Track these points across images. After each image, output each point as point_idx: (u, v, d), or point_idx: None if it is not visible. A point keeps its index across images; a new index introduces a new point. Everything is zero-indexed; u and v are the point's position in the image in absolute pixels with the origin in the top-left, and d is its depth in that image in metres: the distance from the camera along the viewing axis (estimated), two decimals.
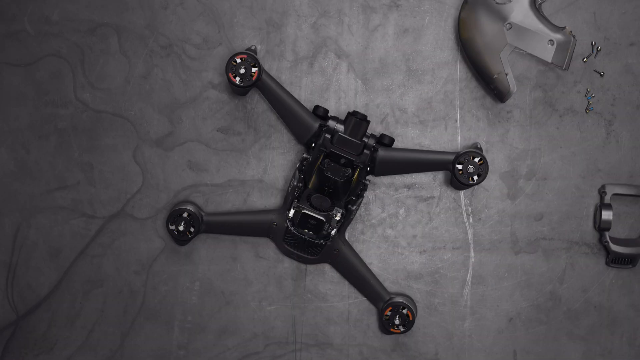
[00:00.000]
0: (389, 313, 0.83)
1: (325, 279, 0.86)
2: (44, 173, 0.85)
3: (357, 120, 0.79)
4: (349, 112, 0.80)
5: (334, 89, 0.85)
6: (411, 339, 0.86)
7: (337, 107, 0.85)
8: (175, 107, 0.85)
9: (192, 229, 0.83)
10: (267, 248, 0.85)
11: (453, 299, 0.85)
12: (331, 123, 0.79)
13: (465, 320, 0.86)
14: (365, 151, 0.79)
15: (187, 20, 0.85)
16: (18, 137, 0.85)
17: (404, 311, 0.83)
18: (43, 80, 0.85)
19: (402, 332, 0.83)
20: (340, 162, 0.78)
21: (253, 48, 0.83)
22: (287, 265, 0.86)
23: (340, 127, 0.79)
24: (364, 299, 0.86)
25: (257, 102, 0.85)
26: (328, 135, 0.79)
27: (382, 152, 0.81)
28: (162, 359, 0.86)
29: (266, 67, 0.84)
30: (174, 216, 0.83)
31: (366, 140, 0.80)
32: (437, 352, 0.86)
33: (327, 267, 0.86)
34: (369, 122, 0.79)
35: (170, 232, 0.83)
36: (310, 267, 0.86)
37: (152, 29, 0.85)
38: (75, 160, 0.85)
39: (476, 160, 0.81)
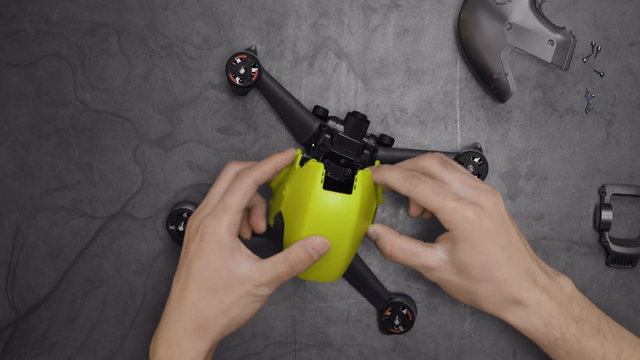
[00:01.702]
0: (388, 313, 0.83)
1: None
2: (44, 173, 0.86)
3: (357, 121, 0.79)
4: (348, 112, 0.80)
5: (334, 89, 0.85)
6: (411, 339, 0.86)
7: (337, 107, 0.85)
8: (175, 107, 0.85)
9: None
10: (267, 248, 0.85)
11: (453, 299, 0.85)
12: (331, 123, 0.79)
13: (465, 320, 0.86)
14: (365, 151, 0.79)
15: (187, 20, 0.85)
16: (18, 137, 0.85)
17: (404, 311, 0.83)
18: (43, 81, 0.85)
19: (402, 332, 0.83)
20: (340, 162, 0.79)
21: (253, 48, 0.83)
22: None
23: (340, 127, 0.79)
24: (364, 299, 0.86)
25: (257, 102, 0.85)
26: (328, 136, 0.79)
27: (382, 152, 0.81)
28: None
29: (266, 67, 0.84)
30: (174, 216, 0.83)
31: (366, 141, 0.80)
32: (437, 352, 0.86)
33: None
34: (369, 122, 0.79)
35: (170, 232, 0.83)
36: None
37: (152, 29, 0.85)
38: (75, 160, 0.85)
39: (476, 160, 0.81)
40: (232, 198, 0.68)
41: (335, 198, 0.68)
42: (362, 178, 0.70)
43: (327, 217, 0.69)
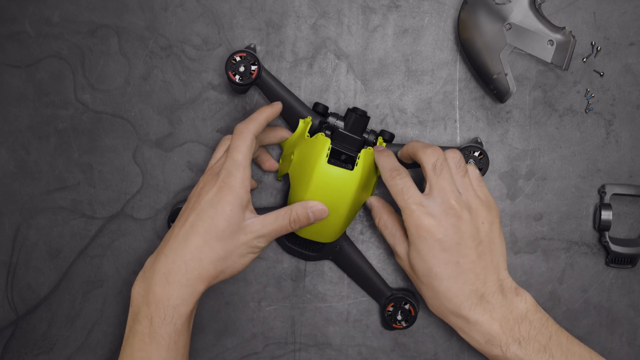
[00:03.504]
0: (391, 309, 0.83)
1: (325, 280, 0.86)
2: (44, 174, 0.86)
3: (357, 117, 0.79)
4: (348, 109, 0.80)
5: (333, 90, 0.85)
6: (410, 338, 0.86)
7: (336, 107, 0.85)
8: (175, 108, 0.85)
9: None
10: (267, 248, 0.85)
11: None
12: (331, 120, 0.80)
13: None
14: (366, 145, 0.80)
15: (187, 21, 0.85)
16: (18, 137, 0.85)
17: (406, 306, 0.83)
18: (43, 82, 0.85)
19: (404, 328, 0.83)
20: (341, 158, 0.78)
21: (252, 46, 0.83)
22: (287, 265, 0.86)
23: (340, 124, 0.79)
24: (363, 299, 0.86)
25: (256, 103, 0.85)
26: (328, 132, 0.79)
27: None
28: None
29: (266, 68, 0.85)
30: (176, 213, 0.83)
31: (366, 136, 0.80)
32: (437, 352, 0.86)
33: (326, 268, 0.86)
34: (368, 118, 0.79)
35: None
36: (310, 268, 0.86)
37: (152, 30, 0.85)
38: (75, 161, 0.86)
39: (476, 154, 0.81)
40: (239, 155, 0.73)
41: (337, 172, 0.76)
42: (364, 156, 0.77)
43: (328, 187, 0.76)
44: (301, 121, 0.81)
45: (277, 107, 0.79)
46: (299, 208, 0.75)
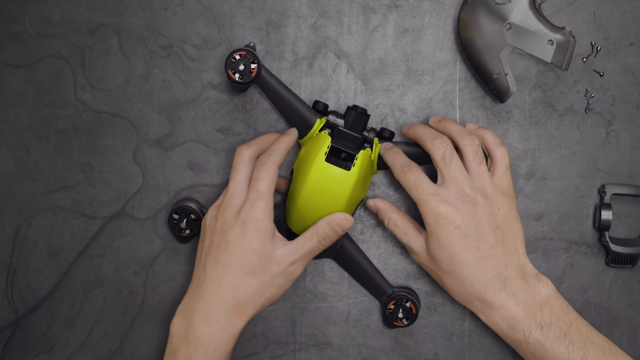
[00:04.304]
0: (392, 307, 0.83)
1: (325, 279, 0.86)
2: (44, 173, 0.86)
3: (357, 114, 0.79)
4: (348, 107, 0.80)
5: (333, 90, 0.85)
6: (411, 338, 0.86)
7: (337, 107, 0.85)
8: (175, 107, 0.85)
9: (194, 228, 0.83)
10: None
11: (453, 299, 0.85)
12: (331, 117, 0.80)
13: (465, 320, 0.86)
14: (365, 145, 0.80)
15: (187, 21, 0.85)
16: (18, 137, 0.85)
17: (407, 304, 0.83)
18: (43, 81, 0.85)
19: (405, 326, 0.83)
20: (341, 156, 0.78)
21: (252, 44, 0.83)
22: None
23: (340, 122, 0.79)
24: (364, 299, 0.86)
25: (256, 103, 0.85)
26: (329, 130, 0.79)
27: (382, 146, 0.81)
28: (161, 359, 0.86)
29: (266, 67, 0.84)
30: (177, 213, 0.82)
31: (366, 134, 0.80)
32: (437, 352, 0.86)
33: (326, 268, 0.86)
34: (368, 115, 0.79)
35: (172, 226, 0.83)
36: (310, 268, 0.86)
37: (152, 29, 0.85)
38: (75, 160, 0.86)
39: None
40: (263, 185, 0.74)
41: (334, 171, 0.77)
42: (362, 157, 0.78)
43: (324, 185, 0.77)
44: (318, 120, 0.81)
45: (294, 134, 0.80)
46: (324, 225, 0.75)
